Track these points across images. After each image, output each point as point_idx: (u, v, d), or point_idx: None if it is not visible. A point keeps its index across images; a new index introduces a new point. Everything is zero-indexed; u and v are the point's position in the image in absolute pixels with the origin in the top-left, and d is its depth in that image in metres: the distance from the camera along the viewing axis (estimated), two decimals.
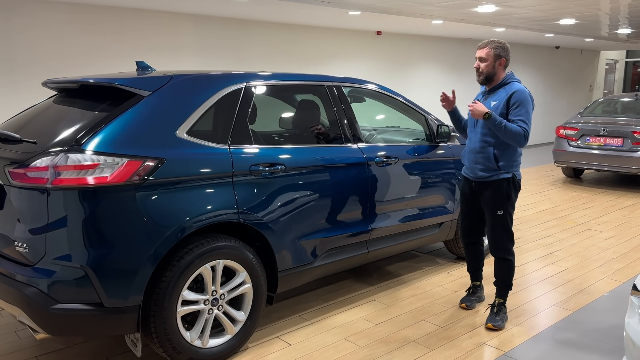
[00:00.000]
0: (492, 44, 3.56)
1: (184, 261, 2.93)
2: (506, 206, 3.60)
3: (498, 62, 3.56)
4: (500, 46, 3.56)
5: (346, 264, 3.94)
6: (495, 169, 3.56)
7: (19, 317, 2.86)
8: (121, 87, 3.05)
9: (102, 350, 3.35)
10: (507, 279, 3.75)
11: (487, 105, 3.56)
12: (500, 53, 3.56)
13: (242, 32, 8.29)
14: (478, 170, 3.63)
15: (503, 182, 3.57)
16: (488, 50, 3.55)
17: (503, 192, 3.58)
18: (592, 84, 16.73)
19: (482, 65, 3.57)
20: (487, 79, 3.59)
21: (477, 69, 3.59)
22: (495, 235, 3.68)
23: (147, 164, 2.81)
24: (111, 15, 6.91)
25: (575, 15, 8.38)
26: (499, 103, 3.52)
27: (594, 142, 8.51)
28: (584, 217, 6.79)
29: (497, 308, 3.75)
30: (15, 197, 2.80)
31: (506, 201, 3.60)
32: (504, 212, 3.61)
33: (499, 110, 3.50)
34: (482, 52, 3.57)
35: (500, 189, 3.57)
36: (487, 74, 3.57)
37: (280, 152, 3.44)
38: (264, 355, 3.29)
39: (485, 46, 3.58)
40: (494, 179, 3.58)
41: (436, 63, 11.59)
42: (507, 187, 3.58)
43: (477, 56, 3.60)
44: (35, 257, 2.72)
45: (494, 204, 3.61)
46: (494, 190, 3.59)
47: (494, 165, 3.55)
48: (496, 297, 3.78)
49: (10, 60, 6.20)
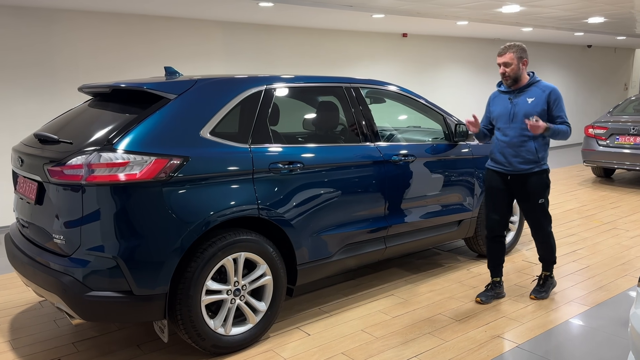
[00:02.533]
0: (512, 49, 3.81)
1: (208, 253, 3.13)
2: (545, 195, 3.96)
3: (521, 64, 3.84)
4: (521, 49, 3.83)
5: (364, 259, 4.07)
6: (536, 161, 3.85)
7: (57, 304, 3.09)
8: (150, 91, 3.28)
9: (133, 337, 3.58)
10: (552, 256, 4.14)
11: (523, 103, 3.85)
12: (522, 55, 3.83)
13: (268, 37, 8.52)
14: (517, 163, 3.87)
15: (543, 173, 3.90)
16: (511, 55, 3.81)
17: (544, 182, 3.92)
18: (627, 82, 16.38)
19: (508, 69, 3.83)
20: (514, 81, 3.87)
21: (504, 74, 3.85)
22: (537, 222, 4.02)
23: (173, 162, 3.02)
24: (144, 24, 7.23)
25: (605, 13, 8.29)
26: (537, 100, 3.81)
27: (623, 141, 8.40)
28: (610, 216, 6.74)
29: (542, 280, 4.18)
30: (53, 193, 3.05)
31: (545, 190, 3.95)
32: (544, 201, 3.95)
33: (539, 107, 3.80)
34: (506, 58, 3.82)
35: (542, 179, 3.90)
36: (514, 76, 3.85)
37: (298, 150, 3.61)
38: (284, 344, 3.46)
39: (506, 52, 3.82)
40: (535, 170, 3.87)
41: (464, 64, 11.59)
42: (546, 177, 3.93)
43: (501, 62, 3.85)
44: (71, 248, 2.96)
45: (535, 194, 3.91)
46: (536, 181, 3.89)
47: (535, 157, 3.84)
48: (543, 271, 4.21)
49: (50, 67, 6.57)
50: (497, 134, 4.01)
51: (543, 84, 3.87)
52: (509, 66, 3.81)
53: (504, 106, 3.94)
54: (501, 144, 3.94)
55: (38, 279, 3.11)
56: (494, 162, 4.03)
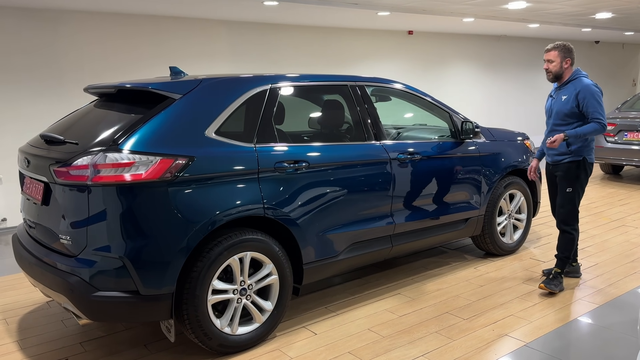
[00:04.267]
0: (558, 47, 4.08)
1: (214, 252, 3.12)
2: (575, 185, 4.11)
3: (564, 62, 4.08)
4: (566, 48, 4.09)
5: (370, 258, 4.06)
6: (567, 153, 4.09)
7: (64, 304, 3.10)
8: (155, 91, 3.28)
9: (140, 337, 3.58)
10: (567, 250, 4.22)
11: (559, 100, 4.11)
12: (566, 54, 4.08)
13: (273, 36, 8.51)
14: (554, 155, 4.20)
15: (573, 163, 4.09)
16: (555, 53, 4.08)
17: (573, 173, 4.09)
18: (635, 78, 16.25)
19: (551, 66, 4.10)
20: (556, 77, 4.13)
21: (547, 69, 4.12)
22: (563, 211, 4.18)
23: (178, 162, 3.02)
24: (150, 24, 7.25)
25: (612, 8, 8.23)
26: (568, 97, 4.04)
27: (632, 138, 8.33)
28: (619, 213, 6.69)
29: (552, 276, 4.22)
30: (59, 193, 3.06)
31: (575, 181, 4.10)
32: (573, 191, 4.12)
33: (569, 104, 4.02)
34: (550, 55, 4.10)
35: (570, 170, 4.09)
36: (555, 73, 4.11)
37: (303, 149, 3.60)
38: (290, 343, 3.45)
39: (552, 49, 4.10)
40: (566, 161, 4.10)
41: (471, 61, 11.54)
42: (576, 168, 4.09)
43: (546, 59, 4.12)
44: (77, 249, 2.96)
45: (564, 183, 4.13)
46: (566, 171, 4.12)
47: (565, 149, 4.09)
48: (555, 267, 4.26)
49: (57, 68, 6.60)
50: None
51: (580, 81, 4.03)
52: (551, 63, 4.07)
53: (548, 102, 4.27)
54: (546, 138, 4.24)
55: (45, 280, 3.12)
56: (543, 155, 4.40)
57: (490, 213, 4.82)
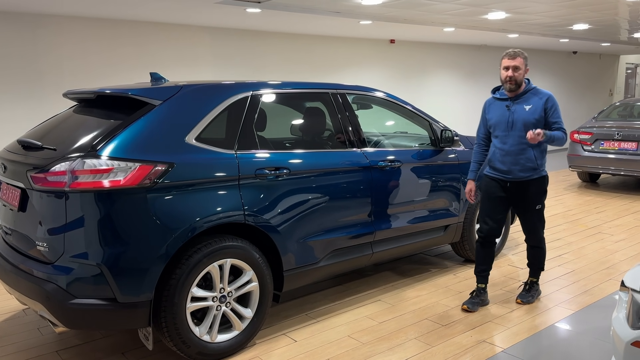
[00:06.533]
0: (521, 54, 3.80)
1: (193, 260, 3.11)
2: (543, 201, 4.00)
3: (526, 70, 3.83)
4: (526, 56, 3.84)
5: (351, 265, 4.08)
6: (535, 168, 3.86)
7: (40, 312, 3.06)
8: (134, 97, 3.27)
9: (118, 345, 3.54)
10: (541, 263, 4.19)
11: (521, 111, 3.82)
12: (526, 62, 3.83)
13: (256, 43, 8.53)
14: (517, 171, 3.87)
15: (542, 179, 3.92)
16: (521, 60, 3.78)
17: (542, 189, 3.95)
18: (612, 88, 16.59)
19: (517, 74, 3.76)
20: (518, 86, 3.82)
21: (511, 77, 3.76)
22: (533, 228, 4.06)
23: (158, 168, 3.00)
24: (131, 30, 7.21)
25: (589, 20, 8.40)
26: (534, 108, 3.79)
27: (608, 147, 8.50)
28: (596, 220, 6.81)
29: (529, 286, 4.23)
30: (36, 200, 3.02)
31: (543, 196, 3.99)
32: (542, 206, 4.00)
33: (536, 114, 3.78)
34: (517, 62, 3.76)
35: (540, 186, 3.93)
36: (519, 82, 3.81)
37: (285, 156, 3.61)
38: (270, 350, 3.45)
39: (517, 56, 3.78)
40: (535, 177, 3.88)
41: (451, 70, 11.68)
42: (544, 184, 3.96)
43: (511, 65, 3.75)
44: (54, 256, 2.93)
45: (534, 200, 3.94)
46: (535, 188, 3.91)
47: (534, 165, 3.85)
48: (530, 277, 4.24)
49: (36, 72, 6.53)
50: (494, 142, 3.97)
51: (539, 90, 3.87)
52: (517, 70, 3.75)
53: (501, 114, 3.89)
54: (500, 152, 3.91)
55: (21, 287, 3.07)
56: (493, 170, 4.00)
57: (469, 220, 4.88)
